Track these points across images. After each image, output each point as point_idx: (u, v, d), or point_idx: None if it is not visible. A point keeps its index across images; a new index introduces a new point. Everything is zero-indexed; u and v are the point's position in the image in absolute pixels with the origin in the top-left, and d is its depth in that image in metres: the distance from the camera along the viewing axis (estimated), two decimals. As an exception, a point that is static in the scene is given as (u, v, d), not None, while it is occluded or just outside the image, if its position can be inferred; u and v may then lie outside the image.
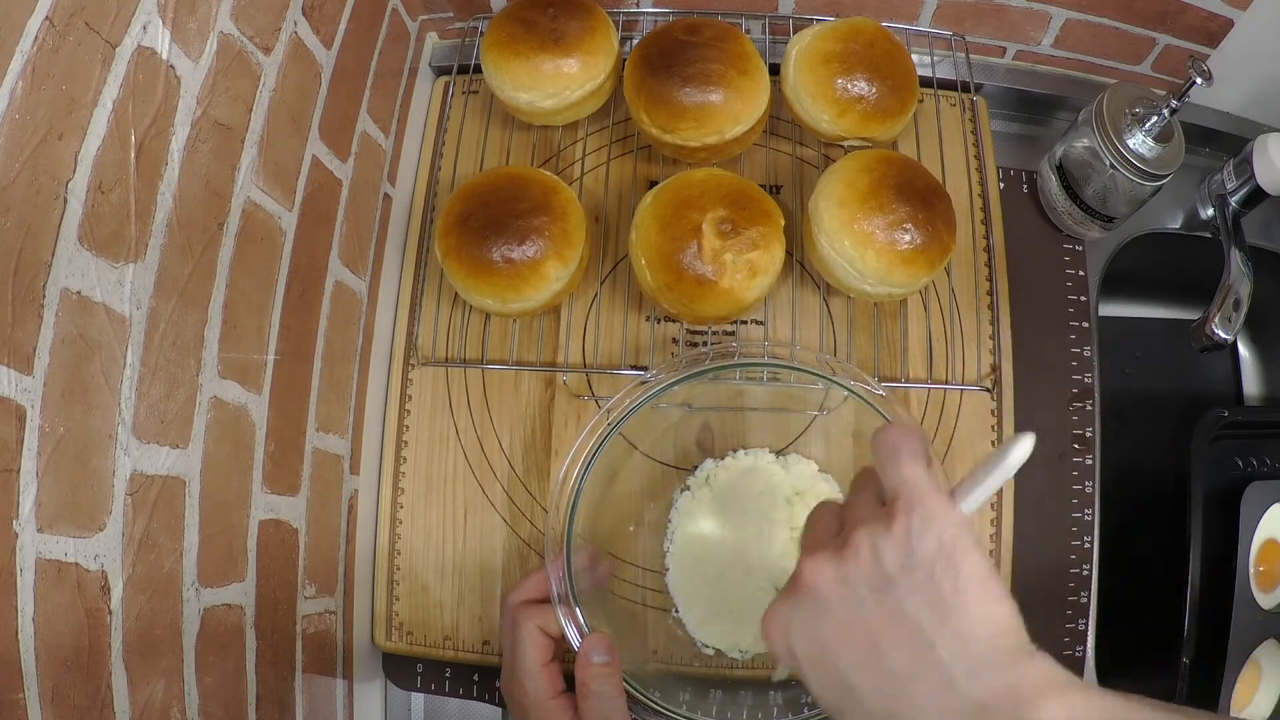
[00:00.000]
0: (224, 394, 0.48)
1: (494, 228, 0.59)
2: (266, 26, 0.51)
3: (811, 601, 0.36)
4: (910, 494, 0.35)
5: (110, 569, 0.39)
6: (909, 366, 0.67)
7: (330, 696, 0.62)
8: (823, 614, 0.36)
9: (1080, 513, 0.67)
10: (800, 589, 0.37)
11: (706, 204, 0.59)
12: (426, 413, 0.68)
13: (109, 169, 0.39)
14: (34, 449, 0.35)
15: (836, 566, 0.36)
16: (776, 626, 0.38)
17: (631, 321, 0.68)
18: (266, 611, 0.53)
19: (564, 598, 0.53)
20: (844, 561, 0.35)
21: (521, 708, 0.53)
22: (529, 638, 0.53)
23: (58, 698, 0.36)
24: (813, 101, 0.64)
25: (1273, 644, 0.67)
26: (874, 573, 0.35)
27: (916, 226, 0.58)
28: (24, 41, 0.34)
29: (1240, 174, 0.70)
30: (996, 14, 0.72)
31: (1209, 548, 0.67)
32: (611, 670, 0.52)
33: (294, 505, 0.57)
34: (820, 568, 0.36)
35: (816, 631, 0.36)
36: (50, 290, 0.36)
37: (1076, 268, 0.72)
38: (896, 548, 0.35)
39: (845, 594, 0.35)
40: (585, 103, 0.67)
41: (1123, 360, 0.87)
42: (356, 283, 0.66)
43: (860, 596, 0.35)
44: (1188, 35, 0.70)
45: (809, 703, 0.56)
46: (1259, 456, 0.74)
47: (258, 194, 0.51)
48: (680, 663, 0.62)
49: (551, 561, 0.54)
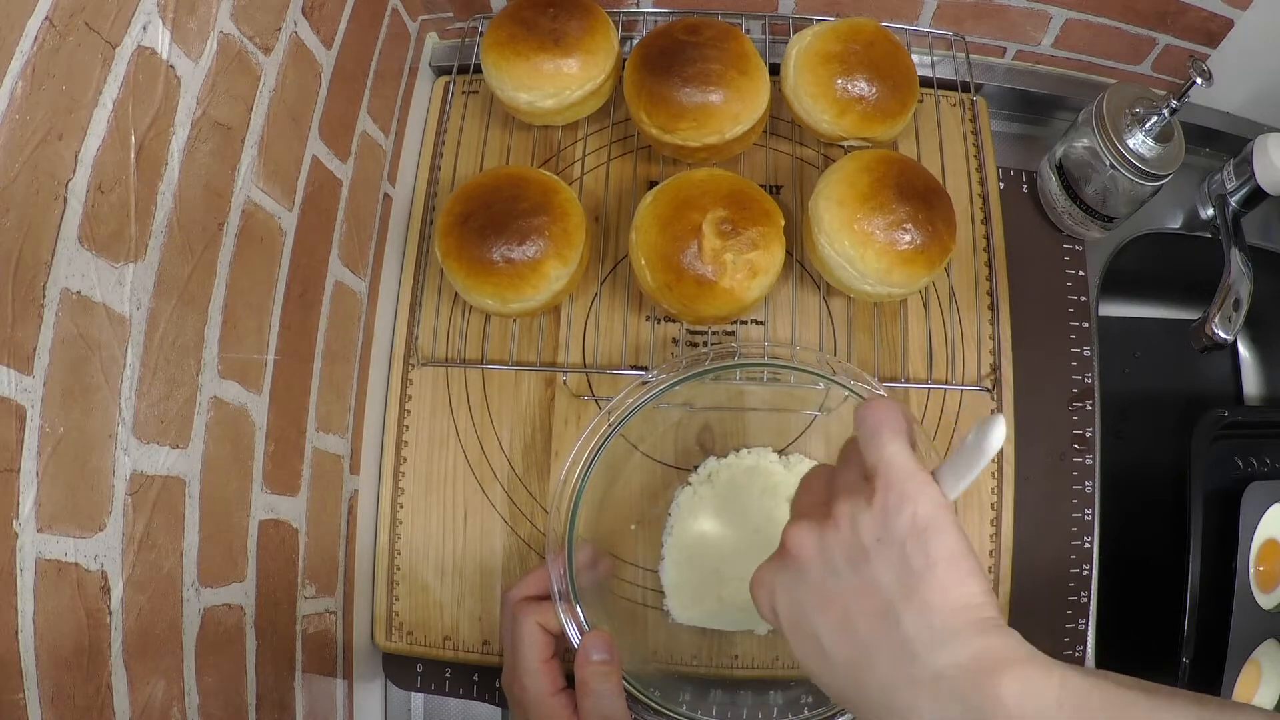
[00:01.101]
0: (224, 394, 0.48)
1: (494, 228, 0.59)
2: (266, 26, 0.51)
3: (795, 566, 0.38)
4: (889, 472, 0.36)
5: (110, 569, 0.39)
6: (909, 366, 0.67)
7: (330, 696, 0.62)
8: (803, 579, 0.37)
9: (1080, 513, 0.67)
10: (785, 553, 0.39)
11: (706, 204, 0.59)
12: (426, 413, 0.68)
13: (109, 169, 0.39)
14: (34, 449, 0.35)
15: (819, 536, 0.37)
16: (763, 586, 0.40)
17: (631, 321, 0.68)
18: (266, 611, 0.53)
19: (565, 595, 0.53)
20: (825, 531, 0.37)
21: (522, 705, 0.53)
22: (529, 634, 0.53)
23: (58, 698, 0.36)
24: (813, 101, 0.64)
25: (1273, 644, 0.67)
26: (852, 544, 0.36)
27: (916, 226, 0.58)
28: (24, 41, 0.34)
29: (1240, 174, 0.70)
30: (996, 14, 0.72)
31: (1209, 548, 0.67)
32: (611, 668, 0.52)
33: (294, 505, 0.57)
34: (804, 535, 0.38)
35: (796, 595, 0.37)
36: (50, 290, 0.36)
37: (1076, 268, 0.72)
38: (873, 522, 0.36)
39: (824, 563, 0.37)
40: (585, 103, 0.67)
41: (1123, 360, 0.87)
42: (356, 283, 0.66)
43: (837, 566, 0.36)
44: (1188, 35, 0.70)
45: (809, 703, 0.56)
46: (1259, 456, 0.74)
47: (258, 194, 0.51)
48: (680, 662, 0.62)
49: (553, 559, 0.54)
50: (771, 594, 0.39)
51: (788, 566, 0.38)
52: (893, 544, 0.35)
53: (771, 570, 0.40)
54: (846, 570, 0.36)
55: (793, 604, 0.38)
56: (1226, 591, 0.66)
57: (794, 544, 0.38)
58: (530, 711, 0.52)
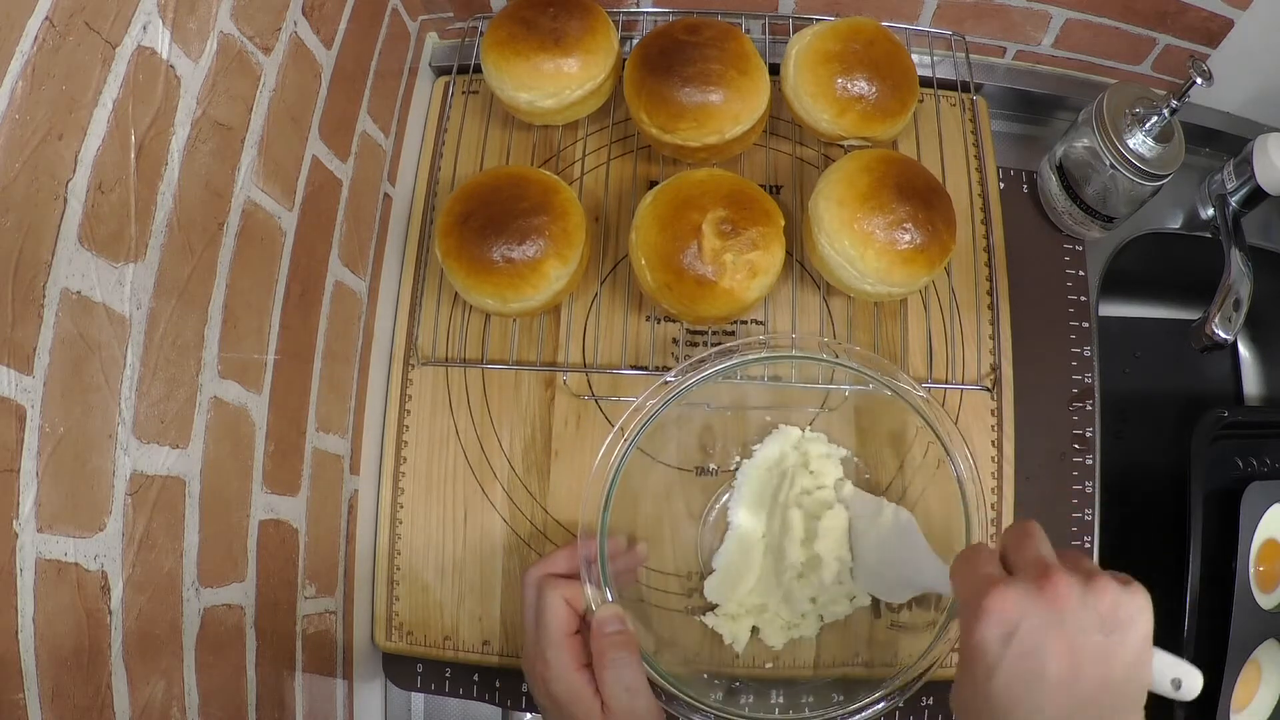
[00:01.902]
0: (224, 394, 0.48)
1: (494, 228, 0.59)
2: (266, 26, 0.51)
3: (1052, 608, 0.41)
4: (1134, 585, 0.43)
5: (110, 569, 0.39)
6: (909, 366, 0.67)
7: (330, 696, 0.62)
8: (1056, 622, 0.41)
9: (1080, 513, 0.67)
10: (1044, 592, 0.42)
11: (706, 204, 0.59)
12: (426, 413, 0.68)
13: (109, 169, 0.39)
14: (34, 449, 0.35)
15: (1083, 594, 0.42)
16: (1009, 606, 0.42)
17: (631, 321, 0.68)
18: (266, 611, 0.53)
19: (595, 581, 0.53)
20: (1090, 593, 0.42)
21: (544, 680, 0.52)
22: (555, 607, 0.53)
23: (58, 698, 0.36)
24: (813, 101, 0.64)
25: (1273, 644, 0.67)
26: (1110, 615, 0.41)
27: (916, 226, 0.58)
28: (24, 41, 0.34)
29: (1240, 174, 0.70)
30: (996, 14, 0.72)
31: (1209, 548, 0.67)
32: (627, 638, 0.52)
33: (294, 505, 0.57)
34: (1071, 587, 0.42)
35: (1043, 633, 0.41)
36: (50, 290, 0.36)
37: (1076, 268, 0.72)
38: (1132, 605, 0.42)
39: (1081, 619, 0.41)
40: (585, 102, 0.67)
41: (1123, 360, 0.87)
42: (356, 283, 0.66)
43: (1087, 626, 0.41)
44: (1188, 35, 0.70)
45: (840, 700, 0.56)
46: (1259, 456, 0.74)
47: (258, 194, 0.51)
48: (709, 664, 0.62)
49: (584, 541, 0.54)
50: (1018, 617, 0.42)
51: (1042, 603, 0.42)
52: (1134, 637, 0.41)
53: (1024, 597, 0.42)
54: (1096, 634, 0.41)
55: (1035, 636, 0.41)
56: (1226, 591, 0.66)
57: (1061, 588, 0.41)
58: (552, 686, 0.52)
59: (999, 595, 0.42)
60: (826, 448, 0.64)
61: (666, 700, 0.54)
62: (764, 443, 0.64)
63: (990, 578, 0.44)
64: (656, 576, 0.63)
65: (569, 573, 0.55)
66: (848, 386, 0.64)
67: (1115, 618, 0.41)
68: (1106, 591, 0.42)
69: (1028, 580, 0.42)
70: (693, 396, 0.58)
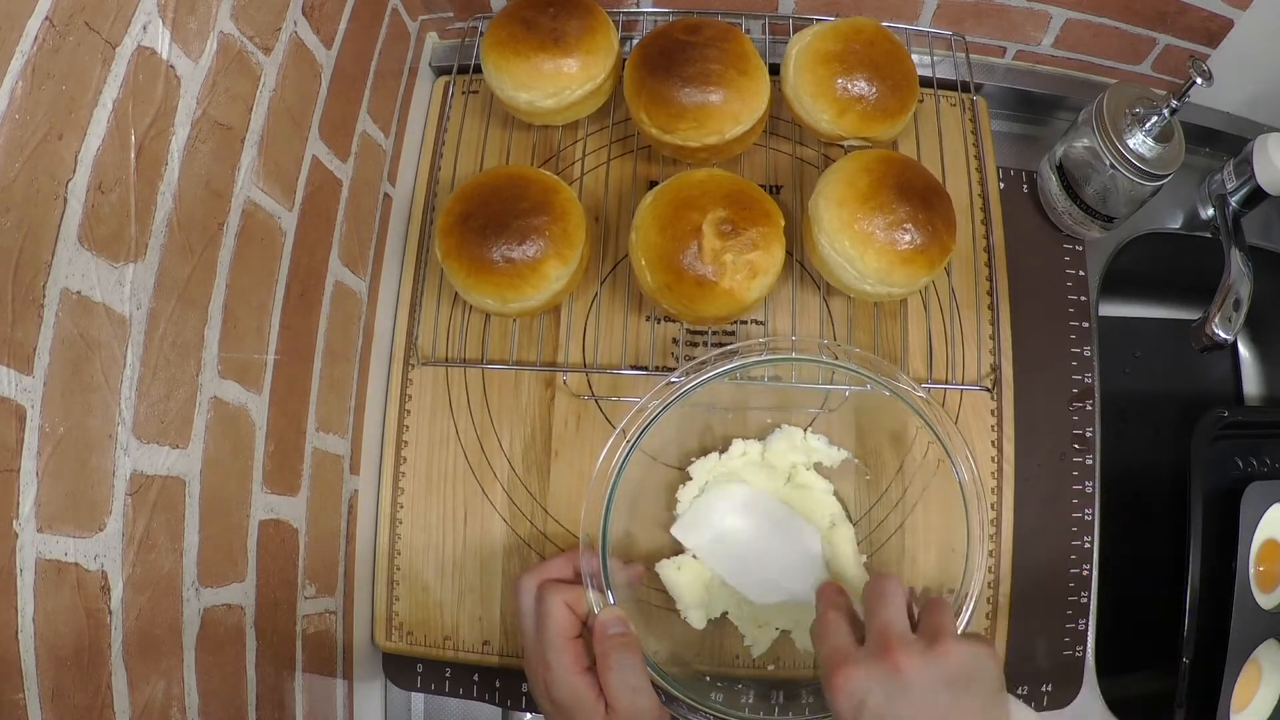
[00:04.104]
0: (224, 394, 0.48)
1: (494, 228, 0.59)
2: (266, 26, 0.51)
3: (894, 677, 0.45)
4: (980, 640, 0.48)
5: (110, 569, 0.39)
6: (909, 366, 0.67)
7: (330, 696, 0.62)
8: (901, 690, 0.44)
9: (1080, 513, 0.67)
10: (885, 664, 0.45)
11: (706, 204, 0.59)
12: (426, 413, 0.68)
13: (109, 169, 0.39)
14: (34, 449, 0.35)
15: (925, 659, 0.45)
16: (854, 682, 0.45)
17: (631, 321, 0.68)
18: (266, 611, 0.53)
19: (597, 584, 0.54)
20: (933, 656, 0.45)
21: (546, 684, 0.52)
22: (556, 612, 0.53)
23: (58, 698, 0.36)
24: (813, 101, 0.64)
25: (1273, 644, 0.67)
26: (956, 673, 0.45)
27: (916, 226, 0.58)
28: (24, 41, 0.34)
29: (1240, 174, 0.70)
30: (996, 14, 0.72)
31: (1209, 548, 0.67)
32: (630, 640, 0.52)
33: (294, 505, 0.57)
34: (912, 656, 0.45)
35: (890, 703, 0.44)
36: (50, 290, 0.36)
37: (1076, 268, 0.72)
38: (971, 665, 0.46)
39: (928, 681, 0.44)
40: (585, 102, 0.67)
41: (1123, 360, 0.87)
42: (356, 283, 0.66)
43: (936, 687, 0.44)
44: (1188, 35, 0.70)
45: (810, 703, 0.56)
46: (1259, 456, 0.74)
47: (258, 194, 0.51)
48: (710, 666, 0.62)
49: (585, 547, 0.54)
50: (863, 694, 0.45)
51: (887, 677, 0.45)
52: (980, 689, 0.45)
53: (868, 674, 0.45)
54: (946, 693, 0.44)
55: (881, 707, 0.44)
56: (1226, 591, 0.66)
57: (901, 659, 0.45)
58: (555, 690, 0.52)
59: (844, 673, 0.46)
60: (827, 448, 0.64)
61: (667, 701, 0.54)
62: (765, 442, 0.64)
63: (838, 651, 0.47)
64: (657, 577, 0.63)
65: (567, 578, 0.55)
66: (848, 387, 0.64)
67: (962, 675, 0.45)
68: (950, 653, 0.45)
69: (871, 652, 0.46)
70: (694, 398, 0.58)
